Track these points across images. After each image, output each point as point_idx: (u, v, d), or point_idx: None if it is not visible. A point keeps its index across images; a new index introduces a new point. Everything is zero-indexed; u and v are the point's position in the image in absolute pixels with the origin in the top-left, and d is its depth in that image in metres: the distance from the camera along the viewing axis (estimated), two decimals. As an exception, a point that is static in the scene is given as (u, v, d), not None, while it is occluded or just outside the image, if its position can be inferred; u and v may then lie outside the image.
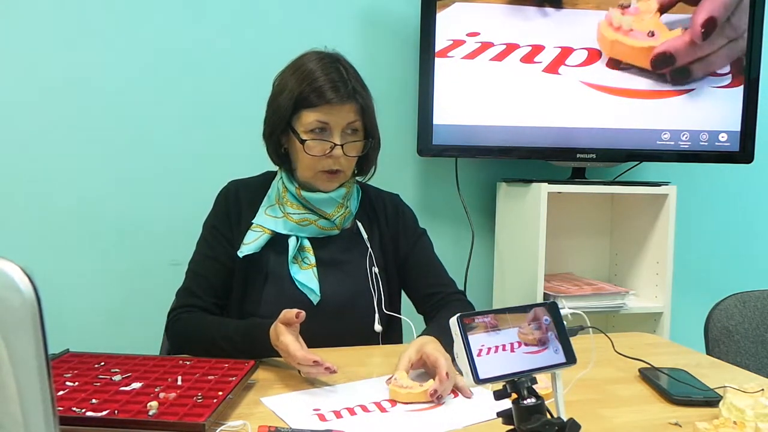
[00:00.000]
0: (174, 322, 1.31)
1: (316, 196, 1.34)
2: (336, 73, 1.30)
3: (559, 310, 0.77)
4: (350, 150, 1.32)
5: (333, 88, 1.28)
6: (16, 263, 0.49)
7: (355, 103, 1.31)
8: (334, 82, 1.29)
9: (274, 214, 1.36)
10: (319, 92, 1.28)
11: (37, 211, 1.94)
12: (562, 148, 2.10)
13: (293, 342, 1.06)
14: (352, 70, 1.34)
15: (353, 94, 1.30)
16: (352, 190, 1.40)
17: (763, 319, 1.63)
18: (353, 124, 1.32)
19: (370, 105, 1.35)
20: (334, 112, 1.29)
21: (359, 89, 1.32)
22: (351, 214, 1.40)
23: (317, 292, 1.32)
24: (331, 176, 1.33)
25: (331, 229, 1.37)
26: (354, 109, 1.31)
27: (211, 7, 2.03)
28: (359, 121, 1.32)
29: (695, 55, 2.11)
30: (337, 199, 1.36)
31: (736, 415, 0.93)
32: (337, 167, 1.32)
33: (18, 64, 1.90)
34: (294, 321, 1.07)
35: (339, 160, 1.32)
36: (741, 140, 2.17)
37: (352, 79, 1.32)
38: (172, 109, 2.02)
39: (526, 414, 0.71)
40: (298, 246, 1.35)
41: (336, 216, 1.36)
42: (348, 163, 1.34)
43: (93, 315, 1.99)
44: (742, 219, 2.55)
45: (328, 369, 1.03)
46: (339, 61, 1.34)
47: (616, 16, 2.06)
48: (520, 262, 2.11)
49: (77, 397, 0.94)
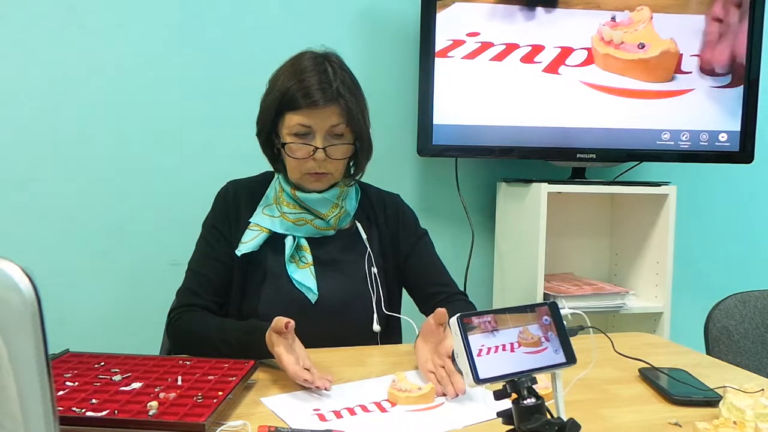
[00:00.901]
0: (174, 321, 1.31)
1: (310, 197, 1.34)
2: (322, 74, 1.27)
3: (559, 310, 0.77)
4: (335, 153, 1.30)
5: (317, 91, 1.26)
6: (16, 263, 0.49)
7: (338, 105, 1.27)
8: (319, 84, 1.26)
9: (271, 214, 1.36)
10: (302, 94, 1.26)
11: (37, 211, 1.94)
12: (562, 148, 2.10)
13: (286, 354, 1.06)
14: (342, 72, 1.30)
15: (337, 96, 1.26)
16: (348, 190, 1.40)
17: (763, 319, 1.63)
18: (336, 127, 1.29)
19: (357, 107, 1.30)
20: (316, 114, 1.27)
21: (344, 91, 1.28)
22: (348, 213, 1.39)
23: (315, 291, 1.32)
24: (318, 177, 1.32)
25: (327, 229, 1.37)
26: (337, 111, 1.27)
27: (210, 6, 2.03)
28: (343, 125, 1.29)
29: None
30: (331, 200, 1.35)
31: (736, 415, 0.93)
32: (323, 170, 1.31)
33: (18, 63, 1.90)
34: (284, 331, 1.06)
35: (324, 163, 1.30)
36: (741, 140, 2.17)
37: (339, 81, 1.28)
38: (172, 108, 2.02)
39: (526, 414, 0.70)
40: (296, 245, 1.35)
41: (331, 216, 1.35)
42: (334, 166, 1.32)
43: (93, 315, 1.99)
44: (742, 219, 2.55)
45: (318, 388, 1.03)
46: (330, 62, 1.31)
47: (607, 31, 2.06)
48: (520, 262, 2.11)
49: (77, 397, 0.94)
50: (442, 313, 1.13)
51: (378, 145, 1.40)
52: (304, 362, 1.07)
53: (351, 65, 1.38)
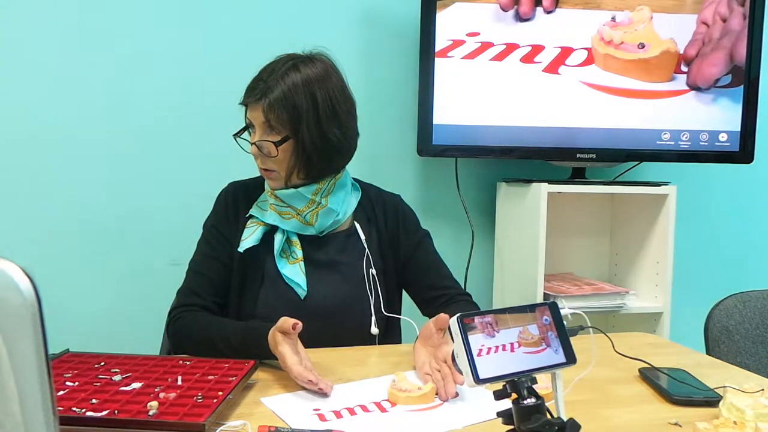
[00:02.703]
0: (175, 320, 1.31)
1: (284, 192, 1.33)
2: (263, 72, 1.29)
3: (559, 310, 0.77)
4: (266, 149, 1.29)
5: (250, 87, 1.29)
6: (16, 263, 0.49)
7: (263, 102, 1.25)
8: (255, 80, 1.29)
9: (264, 207, 1.37)
10: (246, 89, 1.31)
11: (37, 211, 1.94)
12: (562, 148, 2.10)
13: (291, 355, 1.06)
14: (291, 71, 1.27)
15: (265, 92, 1.25)
16: (329, 186, 1.34)
17: (763, 319, 1.63)
18: (265, 123, 1.27)
19: (289, 104, 1.25)
20: (252, 109, 1.29)
21: (277, 89, 1.25)
22: (333, 211, 1.35)
23: (304, 287, 1.32)
24: (266, 173, 1.33)
25: (307, 224, 1.35)
26: (263, 108, 1.26)
27: (210, 6, 2.03)
28: (268, 122, 1.26)
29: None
30: (306, 195, 1.32)
31: (736, 415, 0.93)
32: (265, 166, 1.32)
33: (17, 63, 1.90)
34: (291, 332, 1.07)
35: (264, 160, 1.30)
36: (741, 140, 2.17)
37: (275, 81, 1.26)
38: (172, 109, 2.02)
39: (526, 414, 0.70)
40: (285, 239, 1.35)
41: (306, 212, 1.33)
42: (275, 163, 1.29)
43: (93, 315, 1.99)
44: (742, 219, 2.55)
45: (321, 390, 1.03)
46: (290, 61, 1.29)
47: (607, 31, 2.06)
48: (520, 262, 2.11)
49: (77, 397, 0.94)
50: (444, 319, 1.13)
51: (378, 145, 1.40)
52: (305, 363, 1.07)
53: (351, 65, 1.38)
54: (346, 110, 1.32)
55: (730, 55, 2.13)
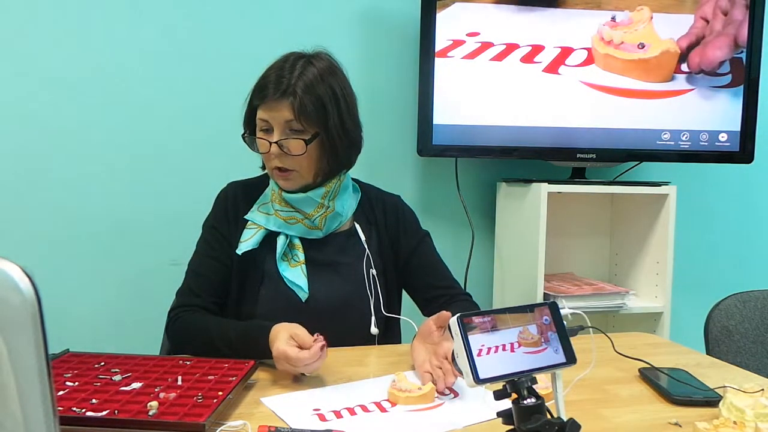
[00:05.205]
0: (174, 320, 1.31)
1: (294, 196, 1.33)
2: (280, 70, 1.27)
3: (559, 310, 0.77)
4: (290, 148, 1.27)
5: (270, 85, 1.26)
6: (16, 263, 0.49)
7: (290, 100, 1.24)
8: (275, 79, 1.26)
9: (266, 212, 1.36)
10: (259, 89, 1.28)
11: (37, 211, 1.94)
12: (562, 148, 2.10)
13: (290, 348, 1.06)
14: (308, 68, 1.27)
15: (289, 91, 1.24)
16: (337, 189, 1.35)
17: (763, 319, 1.63)
18: (292, 122, 1.26)
19: (315, 102, 1.25)
20: (270, 108, 1.26)
21: (300, 86, 1.24)
22: (338, 213, 1.36)
23: (305, 290, 1.32)
24: (283, 174, 1.31)
25: (314, 228, 1.35)
26: (289, 106, 1.24)
27: (210, 6, 2.03)
28: (296, 120, 1.25)
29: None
30: (315, 199, 1.33)
31: (736, 415, 0.93)
32: (285, 166, 1.29)
33: (17, 63, 1.90)
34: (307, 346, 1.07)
35: (283, 159, 1.28)
36: (741, 140, 2.17)
37: (297, 76, 1.25)
38: (172, 108, 2.02)
39: (526, 414, 0.71)
40: (288, 243, 1.34)
41: (316, 216, 1.34)
42: (296, 162, 1.28)
43: (93, 315, 1.99)
44: (742, 219, 2.55)
45: (322, 348, 1.05)
46: (301, 58, 1.29)
47: (607, 31, 2.07)
48: (520, 262, 2.11)
49: (77, 397, 0.94)
50: (445, 317, 1.13)
51: (378, 145, 1.40)
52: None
53: (351, 65, 1.38)
54: (354, 103, 1.35)
55: (734, 40, 2.12)
